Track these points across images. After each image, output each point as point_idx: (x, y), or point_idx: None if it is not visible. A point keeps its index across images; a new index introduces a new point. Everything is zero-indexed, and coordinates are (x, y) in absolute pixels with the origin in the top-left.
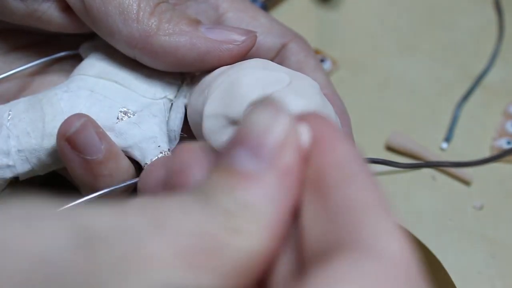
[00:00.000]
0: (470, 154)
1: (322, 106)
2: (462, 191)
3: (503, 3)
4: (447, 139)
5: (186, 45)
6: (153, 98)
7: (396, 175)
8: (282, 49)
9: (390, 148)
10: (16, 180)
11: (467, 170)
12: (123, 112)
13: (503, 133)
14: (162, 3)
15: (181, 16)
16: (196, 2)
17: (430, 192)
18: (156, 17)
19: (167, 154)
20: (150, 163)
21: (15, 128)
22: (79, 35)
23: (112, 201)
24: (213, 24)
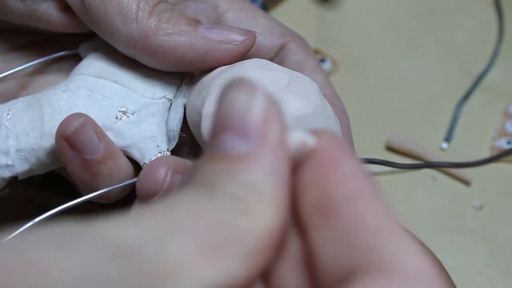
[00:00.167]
0: (470, 154)
1: (322, 107)
2: (462, 191)
3: (503, 3)
4: (447, 139)
5: (185, 45)
6: (152, 98)
7: (396, 175)
8: (282, 49)
9: (390, 148)
10: (15, 180)
11: (467, 170)
12: (122, 112)
13: (503, 133)
14: (161, 2)
15: (180, 16)
16: (195, 1)
17: (430, 192)
18: (155, 16)
19: (166, 154)
20: (149, 162)
21: (14, 127)
22: (79, 34)
23: (124, 210)
24: (212, 24)
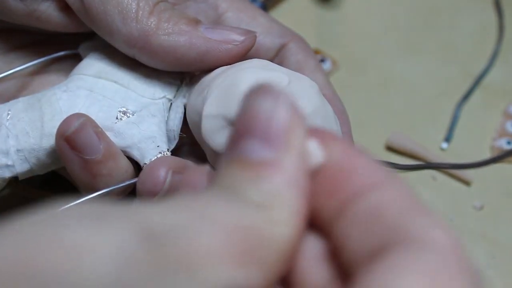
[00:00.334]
0: (470, 154)
1: (322, 107)
2: (462, 191)
3: (503, 3)
4: (447, 139)
5: (186, 44)
6: (152, 98)
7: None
8: (282, 49)
9: (390, 148)
10: (15, 180)
11: (467, 170)
12: (122, 112)
13: (503, 133)
14: (161, 2)
15: (180, 16)
16: (195, 1)
17: (430, 192)
18: (155, 16)
19: (166, 154)
20: (149, 163)
21: (14, 127)
22: (79, 34)
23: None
24: (212, 24)
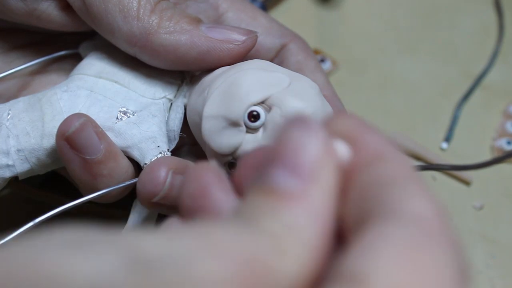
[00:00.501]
0: (470, 154)
1: (322, 108)
2: (462, 191)
3: (503, 3)
4: (447, 139)
5: (187, 43)
6: (152, 98)
7: None
8: (282, 49)
9: None
10: (15, 180)
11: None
12: (123, 112)
13: (503, 133)
14: (162, 1)
15: (181, 15)
16: (195, 1)
17: None
18: (157, 15)
19: (166, 155)
20: (149, 163)
21: (15, 127)
22: (79, 33)
23: (157, 225)
24: (213, 24)
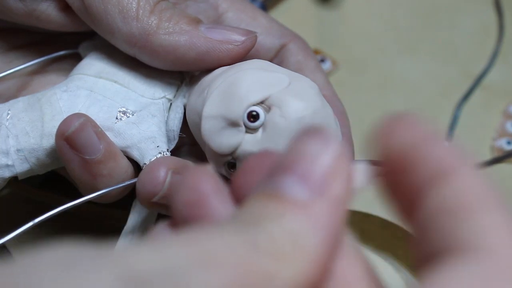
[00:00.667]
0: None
1: (321, 108)
2: None
3: (503, 3)
4: (447, 139)
5: (186, 44)
6: (152, 98)
7: None
8: (281, 49)
9: None
10: (15, 180)
11: None
12: (122, 112)
13: (503, 133)
14: (162, 1)
15: (181, 15)
16: (195, 1)
17: None
18: (156, 15)
19: (166, 155)
20: (148, 163)
21: (14, 127)
22: (79, 33)
23: (151, 238)
24: (213, 24)
